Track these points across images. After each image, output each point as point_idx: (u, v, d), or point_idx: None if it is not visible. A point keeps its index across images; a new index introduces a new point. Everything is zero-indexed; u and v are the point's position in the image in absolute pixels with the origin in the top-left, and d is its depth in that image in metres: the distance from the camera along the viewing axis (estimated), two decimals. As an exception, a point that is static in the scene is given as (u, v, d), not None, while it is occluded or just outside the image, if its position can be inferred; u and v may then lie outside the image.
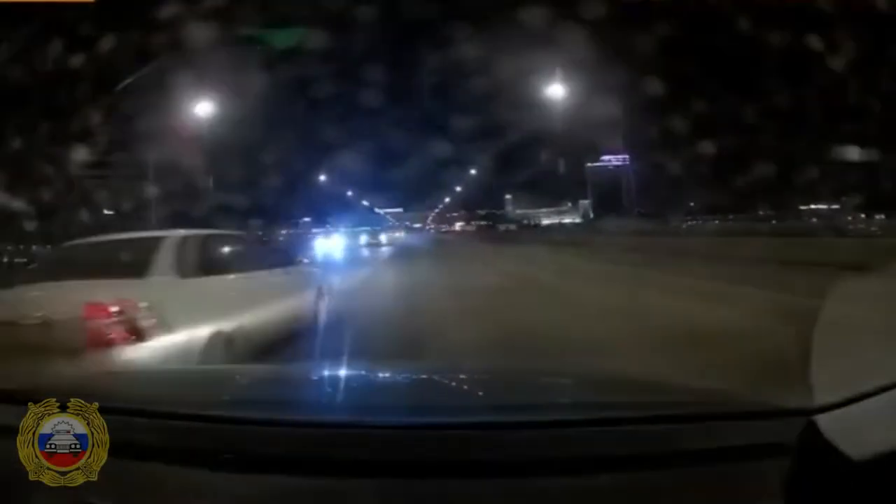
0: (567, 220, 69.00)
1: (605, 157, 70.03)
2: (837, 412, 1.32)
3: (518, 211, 73.18)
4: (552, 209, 72.70)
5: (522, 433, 1.38)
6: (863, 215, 29.61)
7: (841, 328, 1.82)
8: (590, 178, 70.31)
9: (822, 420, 1.32)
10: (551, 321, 7.19)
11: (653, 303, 8.18)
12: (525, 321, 7.22)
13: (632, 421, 1.41)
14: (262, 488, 1.30)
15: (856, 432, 1.28)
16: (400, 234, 51.80)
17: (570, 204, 73.00)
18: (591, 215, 67.81)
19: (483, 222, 73.40)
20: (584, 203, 71.86)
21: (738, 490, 1.26)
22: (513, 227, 63.18)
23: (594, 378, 2.16)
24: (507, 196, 74.55)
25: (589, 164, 69.32)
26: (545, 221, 69.67)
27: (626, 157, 69.03)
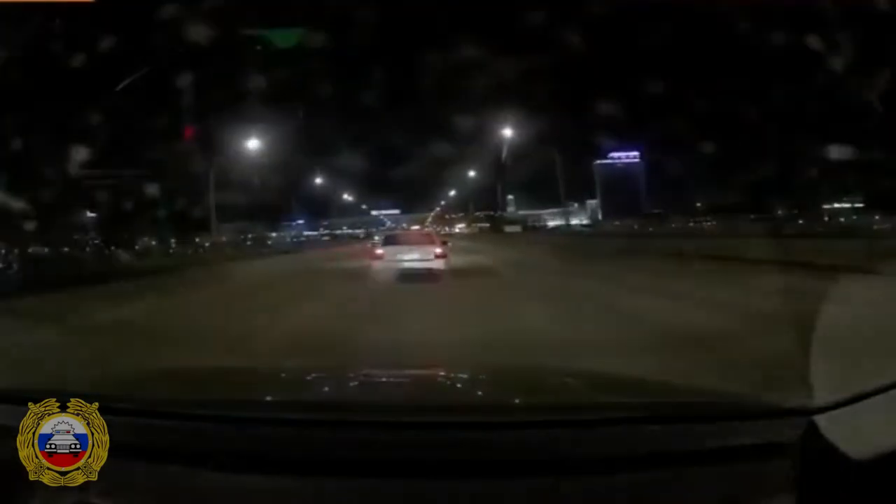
0: (574, 222, 68.78)
1: (615, 154, 69.76)
2: (837, 412, 1.40)
3: (520, 212, 72.87)
4: (557, 210, 72.48)
5: (522, 433, 1.46)
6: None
7: (841, 329, 1.91)
8: (598, 177, 70.04)
9: (822, 420, 1.40)
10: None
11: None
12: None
13: (632, 421, 1.49)
14: (262, 488, 1.38)
15: (856, 432, 1.36)
16: None
17: (575, 204, 72.76)
18: (600, 216, 67.55)
19: (485, 224, 73.06)
20: (592, 203, 71.60)
21: (738, 490, 1.34)
22: (518, 228, 62.80)
23: (594, 378, 2.26)
24: (510, 196, 74.25)
25: (597, 162, 69.04)
26: (550, 223, 69.43)
27: (637, 153, 68.82)
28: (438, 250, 13.54)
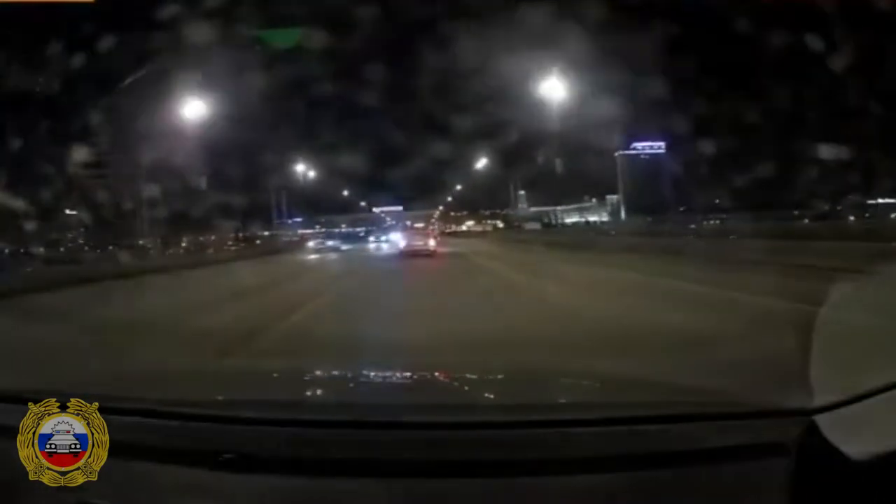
0: (593, 218, 68.43)
1: (638, 144, 69.12)
2: (837, 412, 1.51)
3: (532, 209, 72.43)
4: (573, 206, 71.96)
5: (523, 433, 1.57)
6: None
7: (840, 329, 2.02)
8: (620, 169, 69.34)
9: (822, 420, 1.51)
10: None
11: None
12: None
13: (632, 421, 1.60)
14: (262, 488, 1.50)
15: (856, 432, 1.46)
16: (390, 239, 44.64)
17: (593, 200, 72.34)
18: (623, 213, 67.04)
19: (498, 222, 72.77)
20: (612, 198, 71.01)
21: (738, 490, 1.44)
22: (537, 226, 62.33)
23: (594, 378, 2.38)
24: (521, 192, 73.86)
25: (619, 153, 68.33)
26: (568, 220, 69.09)
27: (662, 144, 68.12)
28: (433, 241, 29.74)
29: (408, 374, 2.63)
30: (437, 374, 2.56)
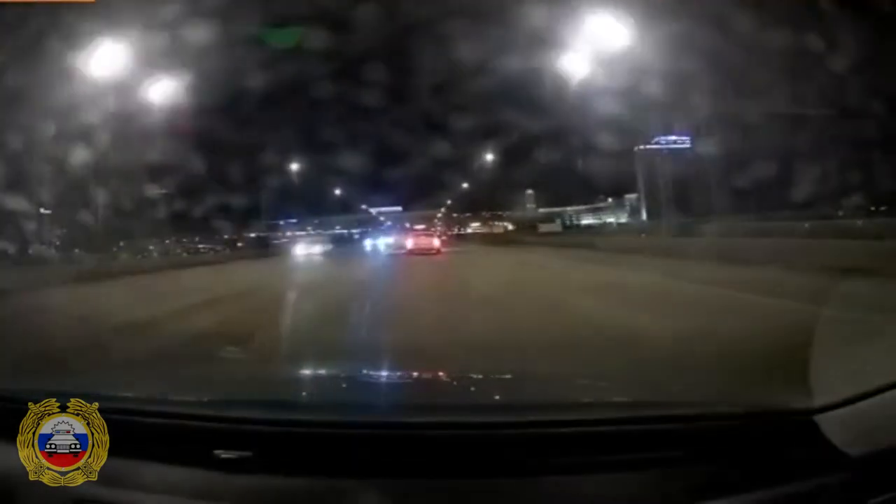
0: (611, 220, 68.02)
1: (662, 139, 68.65)
2: (837, 412, 1.60)
3: (541, 210, 72.04)
4: (587, 206, 71.47)
5: (523, 433, 1.66)
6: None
7: (841, 329, 2.11)
8: (641, 166, 68.87)
9: (822, 420, 1.60)
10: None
11: None
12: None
13: (633, 421, 1.69)
14: (260, 488, 1.60)
15: (856, 432, 1.55)
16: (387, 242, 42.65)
17: (609, 199, 71.76)
18: (644, 214, 66.58)
19: (508, 224, 72.58)
20: (631, 197, 70.41)
21: (739, 489, 1.53)
22: (556, 227, 61.78)
23: (595, 378, 2.48)
24: (529, 191, 73.44)
25: (639, 147, 67.85)
26: (583, 221, 68.75)
27: (687, 138, 67.53)
28: (437, 241, 33.88)
29: (407, 375, 2.75)
30: (436, 375, 2.67)
